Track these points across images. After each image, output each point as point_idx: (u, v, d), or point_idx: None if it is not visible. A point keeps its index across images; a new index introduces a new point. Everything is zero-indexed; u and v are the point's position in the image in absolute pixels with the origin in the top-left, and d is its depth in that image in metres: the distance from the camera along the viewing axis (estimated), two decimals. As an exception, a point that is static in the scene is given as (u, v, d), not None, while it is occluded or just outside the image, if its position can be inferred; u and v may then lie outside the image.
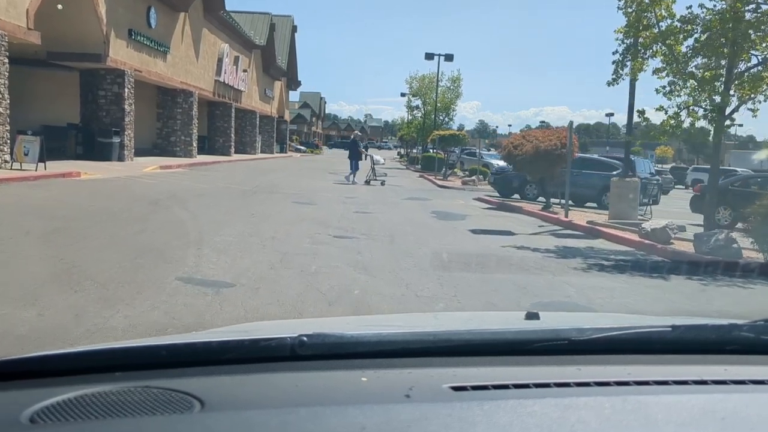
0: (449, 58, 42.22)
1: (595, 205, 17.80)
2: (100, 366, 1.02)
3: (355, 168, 21.58)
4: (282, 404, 0.91)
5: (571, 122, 12.71)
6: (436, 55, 42.16)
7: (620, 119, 69.24)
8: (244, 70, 39.25)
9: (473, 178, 25.92)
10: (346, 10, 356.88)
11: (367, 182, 20.74)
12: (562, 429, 0.86)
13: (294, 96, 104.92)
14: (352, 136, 23.31)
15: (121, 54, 21.28)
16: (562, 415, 0.89)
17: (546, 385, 0.99)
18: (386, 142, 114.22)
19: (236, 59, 36.84)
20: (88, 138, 21.01)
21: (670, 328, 1.21)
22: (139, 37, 22.53)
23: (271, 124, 50.59)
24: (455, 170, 37.51)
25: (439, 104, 42.54)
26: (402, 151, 75.51)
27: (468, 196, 18.53)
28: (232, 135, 37.15)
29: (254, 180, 19.08)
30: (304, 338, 1.05)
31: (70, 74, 21.92)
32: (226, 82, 34.57)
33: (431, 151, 44.50)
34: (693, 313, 5.60)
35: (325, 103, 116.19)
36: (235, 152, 40.65)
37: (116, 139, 21.21)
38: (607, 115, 79.60)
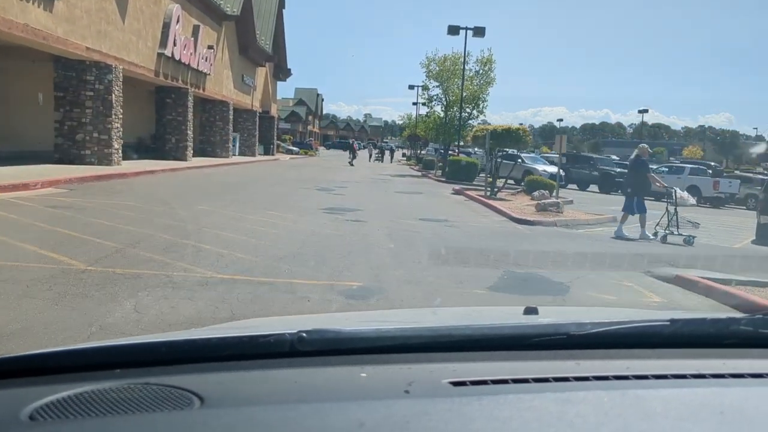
0: (479, 32, 32.43)
1: None
2: (100, 363, 1.01)
3: (642, 209, 11.32)
4: (281, 400, 0.90)
5: None
6: (462, 28, 32.38)
7: (626, 119, 59.83)
8: (209, 47, 29.36)
9: (554, 199, 15.99)
10: (342, 8, 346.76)
11: (662, 237, 10.92)
12: (561, 423, 0.84)
13: (288, 91, 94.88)
14: (636, 152, 11.98)
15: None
16: (561, 409, 0.88)
17: (545, 379, 0.98)
18: (387, 142, 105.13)
19: (195, 30, 26.93)
20: None
21: (668, 323, 1.19)
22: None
23: (252, 119, 40.65)
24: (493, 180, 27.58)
25: (465, 93, 32.62)
26: (407, 152, 65.63)
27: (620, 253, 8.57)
28: (189, 132, 27.11)
29: (136, 230, 9.14)
30: (303, 334, 1.03)
31: None
32: (179, 59, 24.64)
33: (456, 153, 34.60)
34: None
35: (323, 100, 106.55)
36: (199, 155, 30.74)
37: None
38: (640, 111, 70.03)
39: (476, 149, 48.04)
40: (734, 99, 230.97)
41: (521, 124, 37.02)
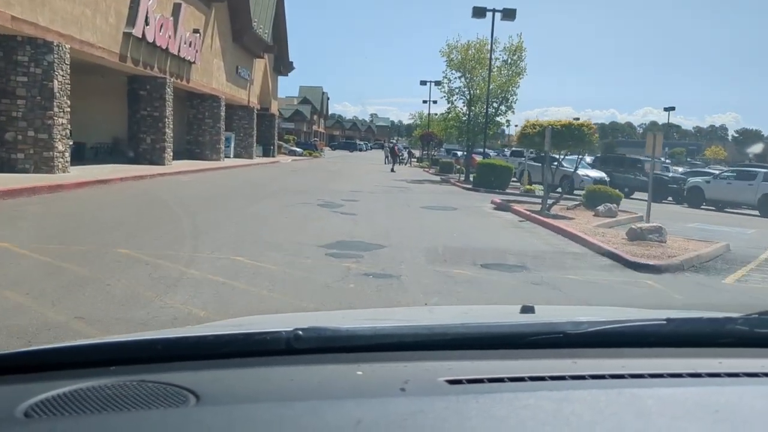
0: (509, 14, 27.99)
1: None
2: (96, 360, 1.00)
3: None
4: (277, 398, 0.89)
5: None
6: (489, 10, 27.95)
7: (633, 119, 55.51)
8: (195, 31, 24.98)
9: (650, 222, 11.47)
10: (346, 7, 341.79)
11: None
12: (557, 422, 0.84)
13: (292, 89, 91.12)
14: None
15: None
16: (557, 407, 0.88)
17: (541, 378, 0.98)
18: (394, 142, 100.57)
19: (176, 9, 22.56)
20: None
21: (665, 322, 1.18)
22: None
23: (249, 117, 36.27)
24: (528, 186, 23.17)
25: (492, 85, 28.13)
26: (417, 152, 61.08)
27: None
28: (168, 130, 22.67)
29: None
30: (300, 332, 1.02)
31: None
32: (153, 42, 20.28)
33: (482, 156, 30.18)
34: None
35: (328, 99, 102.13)
36: (185, 157, 26.46)
37: None
38: (665, 109, 65.04)
39: (486, 150, 43.53)
40: (741, 98, 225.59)
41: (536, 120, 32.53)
